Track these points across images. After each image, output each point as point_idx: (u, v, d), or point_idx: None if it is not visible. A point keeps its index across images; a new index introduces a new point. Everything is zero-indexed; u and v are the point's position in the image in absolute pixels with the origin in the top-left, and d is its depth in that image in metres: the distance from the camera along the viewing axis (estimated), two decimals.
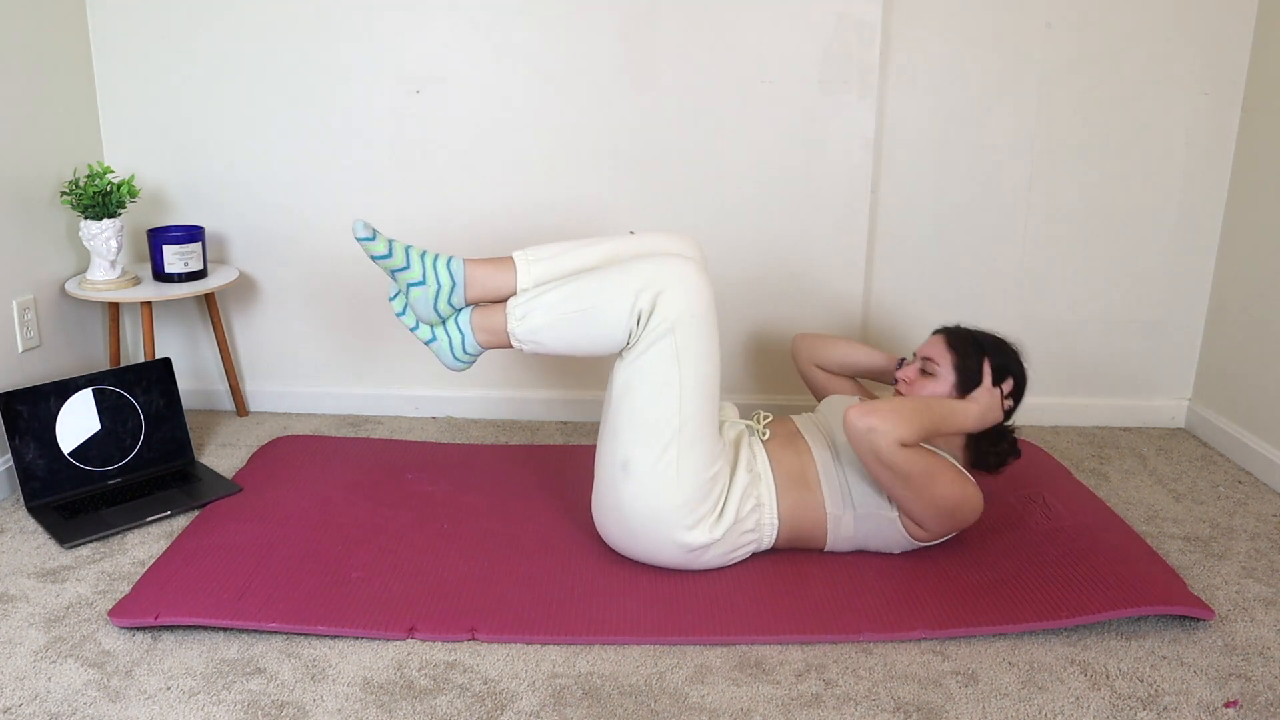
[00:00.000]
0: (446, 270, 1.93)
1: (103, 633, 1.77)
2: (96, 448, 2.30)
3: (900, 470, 1.82)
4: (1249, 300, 2.57)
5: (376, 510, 2.19)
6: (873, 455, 1.81)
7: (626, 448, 1.88)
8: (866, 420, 1.80)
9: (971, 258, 2.72)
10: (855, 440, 1.82)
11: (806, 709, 1.61)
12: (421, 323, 1.99)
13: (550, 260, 1.96)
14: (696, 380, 1.85)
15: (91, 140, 2.63)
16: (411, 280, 1.93)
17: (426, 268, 1.93)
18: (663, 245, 1.99)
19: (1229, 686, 1.67)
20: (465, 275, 1.94)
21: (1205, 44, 2.56)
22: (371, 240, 1.89)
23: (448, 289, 1.94)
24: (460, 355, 1.99)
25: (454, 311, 1.97)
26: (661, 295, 1.82)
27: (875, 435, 1.79)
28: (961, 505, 1.90)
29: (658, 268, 1.85)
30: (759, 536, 1.97)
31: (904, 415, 1.83)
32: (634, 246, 1.98)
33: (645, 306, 1.83)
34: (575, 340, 1.89)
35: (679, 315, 1.82)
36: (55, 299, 2.49)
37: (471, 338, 1.96)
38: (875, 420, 1.80)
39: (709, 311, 1.86)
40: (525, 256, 1.96)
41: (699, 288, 1.85)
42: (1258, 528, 2.23)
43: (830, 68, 2.55)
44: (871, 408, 1.82)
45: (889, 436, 1.79)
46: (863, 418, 1.80)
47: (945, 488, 1.87)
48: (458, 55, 2.58)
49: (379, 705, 1.60)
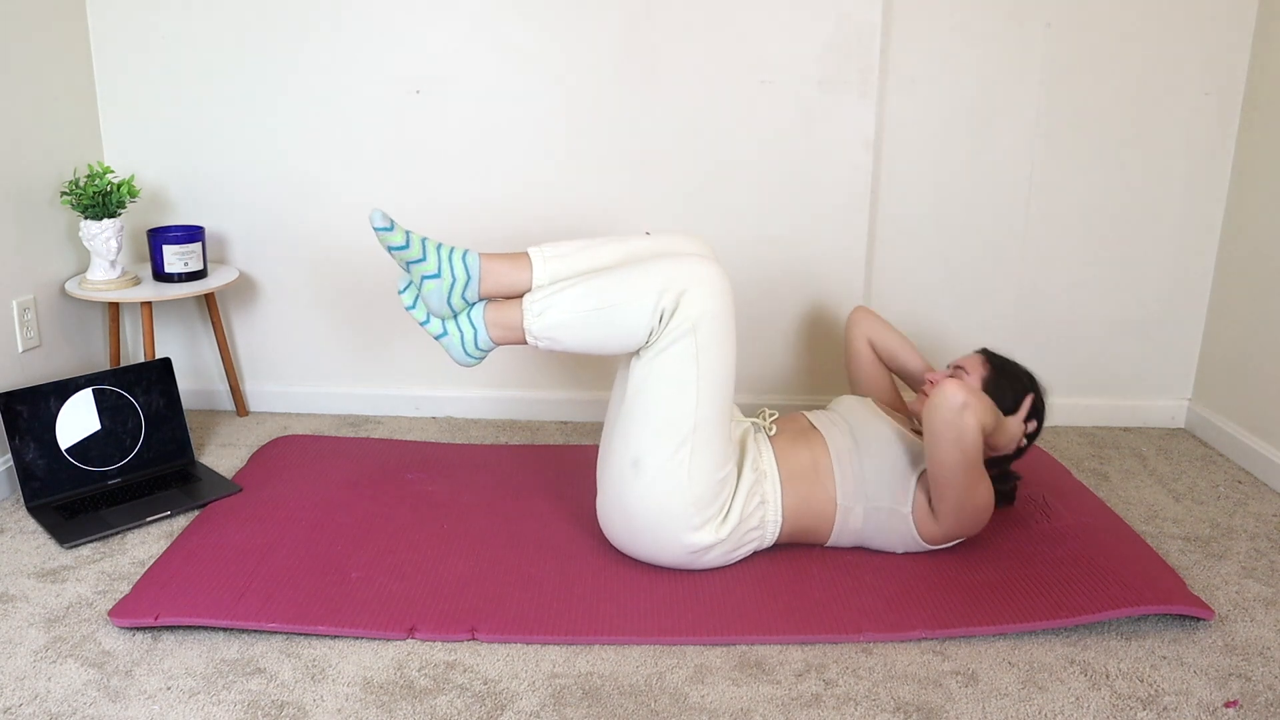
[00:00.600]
0: (462, 264, 1.92)
1: (103, 633, 1.77)
2: (96, 448, 2.30)
3: (970, 455, 1.82)
4: (1249, 300, 2.57)
5: (376, 510, 2.19)
6: (956, 432, 1.80)
7: (638, 446, 1.87)
8: (965, 395, 1.79)
9: (971, 257, 2.72)
10: (947, 410, 1.79)
11: (806, 709, 1.61)
12: (433, 316, 1.97)
13: (566, 258, 1.95)
14: (713, 381, 1.85)
15: (91, 140, 2.63)
16: (426, 273, 1.91)
17: (442, 260, 1.91)
18: (679, 246, 1.99)
19: (1229, 686, 1.67)
20: (481, 269, 1.92)
21: (1205, 44, 2.56)
22: (389, 230, 1.88)
23: (462, 283, 1.92)
24: (471, 351, 1.97)
25: (466, 306, 1.95)
26: (685, 295, 1.82)
27: (969, 413, 1.79)
28: (984, 510, 1.92)
29: (680, 267, 1.84)
30: (762, 534, 1.97)
31: (986, 404, 1.85)
32: (650, 247, 1.98)
33: (668, 306, 1.82)
34: (594, 338, 1.88)
35: (701, 315, 1.82)
36: (55, 299, 2.49)
37: (484, 333, 1.95)
38: (972, 399, 1.80)
39: (729, 313, 1.86)
40: (541, 253, 1.95)
41: (721, 289, 1.84)
42: (1258, 528, 2.23)
43: (830, 68, 2.55)
44: (968, 386, 1.82)
45: (979, 416, 1.80)
46: (961, 392, 1.79)
47: (985, 489, 1.90)
48: (458, 55, 2.58)
49: (379, 705, 1.60)
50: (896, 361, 2.25)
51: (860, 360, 2.28)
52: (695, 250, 1.99)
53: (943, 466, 1.85)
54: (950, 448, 1.82)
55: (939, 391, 1.81)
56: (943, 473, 1.86)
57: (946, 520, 1.93)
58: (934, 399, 1.81)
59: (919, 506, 1.95)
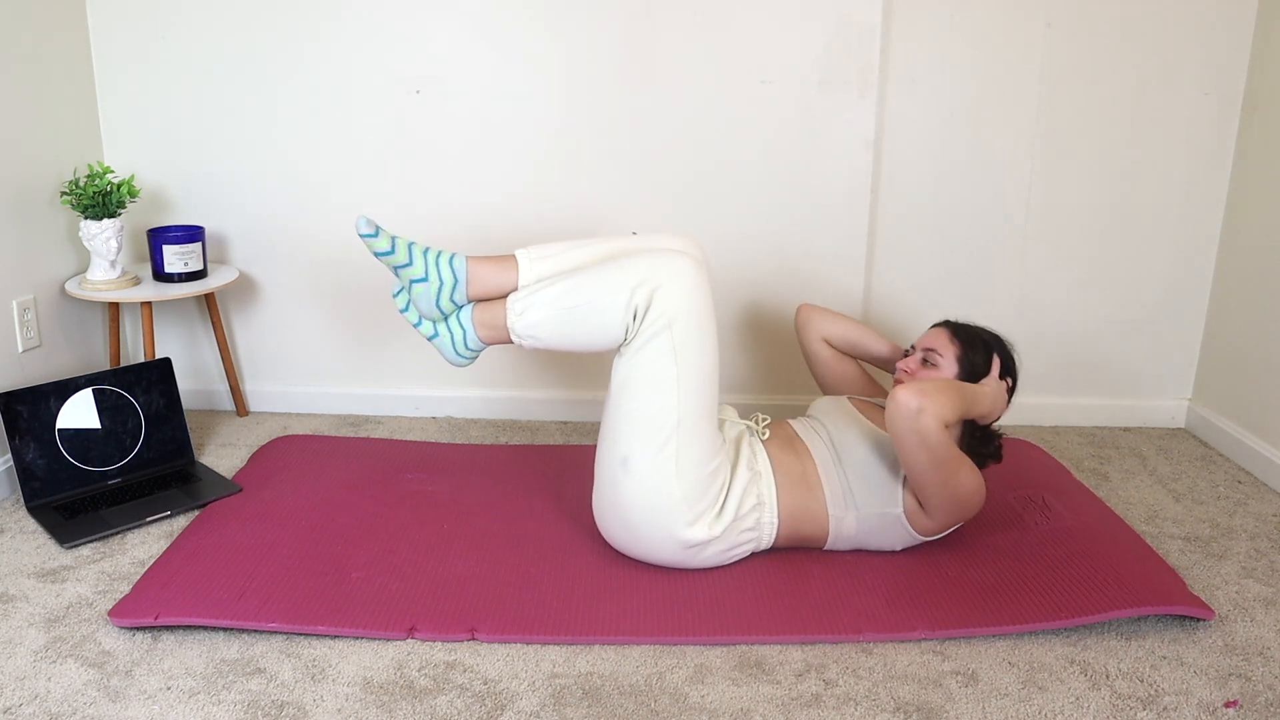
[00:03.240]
0: (449, 267, 1.95)
1: (103, 633, 1.77)
2: (96, 448, 2.30)
3: (939, 452, 1.80)
4: (1249, 300, 2.57)
5: (376, 510, 2.19)
6: (918, 436, 1.78)
7: (626, 444, 1.88)
8: (919, 400, 1.77)
9: (971, 258, 2.72)
10: (903, 419, 1.78)
11: (806, 709, 1.61)
12: (424, 319, 2.01)
13: (551, 258, 1.98)
14: (694, 375, 1.85)
15: (91, 140, 2.63)
16: (414, 276, 1.95)
17: (429, 264, 1.95)
18: (664, 244, 2.00)
19: (1229, 686, 1.67)
20: (468, 272, 1.96)
21: (1205, 44, 2.56)
22: (374, 237, 1.90)
23: (450, 285, 1.95)
24: (462, 351, 2.01)
25: (456, 308, 1.99)
26: (658, 291, 1.83)
27: (925, 416, 1.77)
28: (974, 494, 1.91)
29: (654, 263, 1.85)
30: (758, 535, 1.97)
31: (948, 395, 1.82)
32: (635, 245, 1.99)
33: (641, 302, 1.83)
34: (572, 336, 1.90)
35: (675, 311, 1.83)
36: (55, 299, 2.49)
37: (473, 334, 1.98)
38: (926, 400, 1.77)
39: (706, 307, 1.86)
40: (528, 255, 1.98)
41: (695, 283, 1.85)
42: (1258, 528, 2.23)
43: (830, 68, 2.55)
44: (920, 388, 1.80)
45: (938, 417, 1.78)
46: (914, 397, 1.77)
47: (967, 475, 1.88)
48: (458, 55, 2.58)
49: (379, 705, 1.60)
50: (860, 350, 2.24)
51: (821, 361, 2.27)
52: (679, 248, 2.00)
53: (916, 469, 1.84)
54: (917, 452, 1.81)
55: (891, 401, 1.80)
56: (918, 475, 1.86)
57: (938, 514, 1.93)
58: (889, 410, 1.81)
59: (909, 505, 1.94)
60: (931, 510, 1.92)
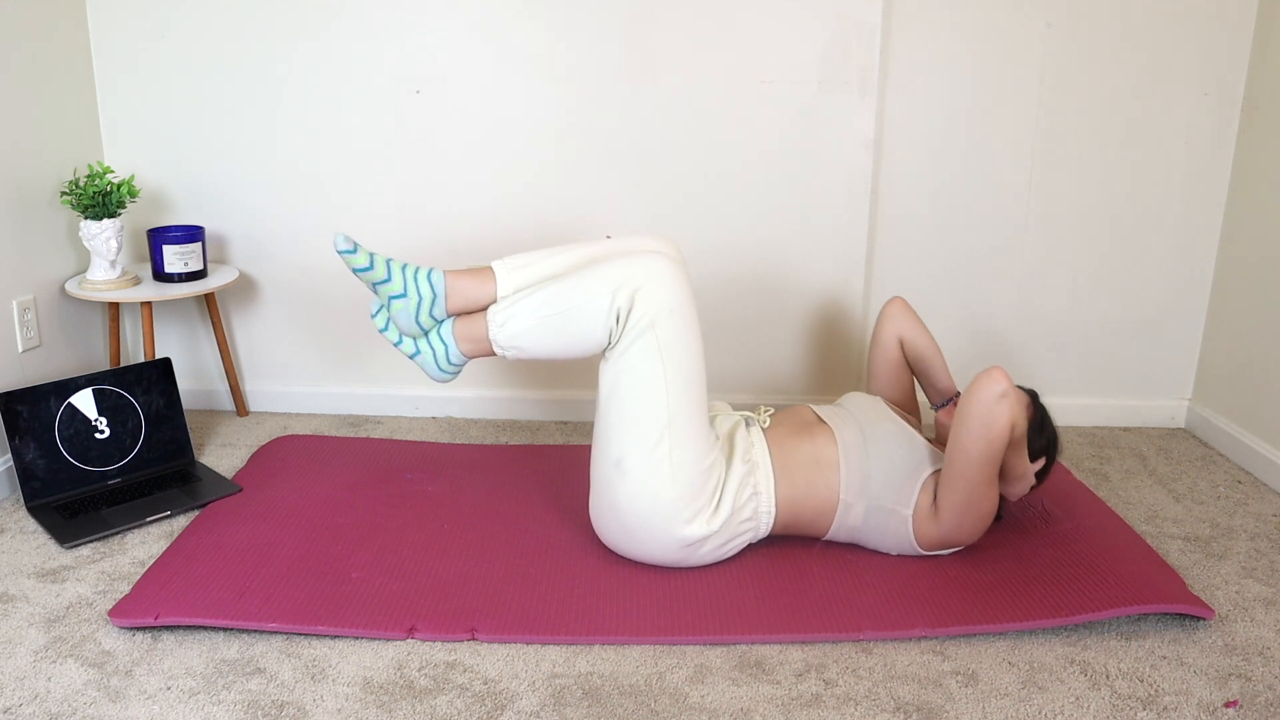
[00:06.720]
0: (427, 282, 1.95)
1: (103, 633, 1.77)
2: (96, 448, 2.30)
3: (992, 448, 1.81)
4: (1249, 301, 2.57)
5: (376, 510, 2.19)
6: (989, 418, 1.79)
7: (619, 446, 1.88)
8: (1008, 386, 1.79)
9: (971, 258, 2.72)
10: (985, 395, 1.79)
11: (806, 709, 1.61)
12: (405, 336, 2.01)
13: (529, 267, 1.98)
14: (681, 373, 1.86)
15: (91, 140, 2.63)
16: (393, 293, 1.95)
17: (407, 280, 1.95)
18: (640, 246, 2.00)
19: (1229, 686, 1.67)
20: (446, 286, 1.96)
21: (1205, 44, 2.56)
22: (353, 253, 1.91)
23: (429, 301, 1.95)
24: (445, 366, 2.00)
25: (436, 324, 1.98)
26: (639, 292, 1.83)
27: (1006, 403, 1.79)
28: (986, 518, 1.93)
29: (633, 265, 1.86)
30: (756, 525, 1.97)
31: (1024, 405, 1.87)
32: (612, 249, 1.99)
33: (623, 304, 1.84)
34: (556, 343, 1.90)
35: (658, 310, 1.83)
36: (55, 299, 2.49)
37: (455, 348, 1.98)
38: (1013, 394, 1.80)
39: (688, 304, 1.87)
40: (505, 265, 1.99)
41: (675, 281, 1.86)
42: (1258, 528, 2.23)
43: (830, 68, 2.55)
44: (1010, 380, 1.82)
45: (1012, 412, 1.80)
46: (1006, 383, 1.79)
47: (991, 495, 1.89)
48: (458, 55, 2.58)
49: (379, 705, 1.60)
50: (923, 367, 2.20)
51: (886, 356, 2.24)
52: (655, 248, 2.00)
53: (963, 453, 1.83)
54: (978, 434, 1.81)
55: (985, 375, 1.81)
56: (961, 461, 1.84)
57: (948, 519, 1.92)
58: (978, 381, 1.81)
59: (920, 509, 1.94)
60: (944, 512, 1.92)
